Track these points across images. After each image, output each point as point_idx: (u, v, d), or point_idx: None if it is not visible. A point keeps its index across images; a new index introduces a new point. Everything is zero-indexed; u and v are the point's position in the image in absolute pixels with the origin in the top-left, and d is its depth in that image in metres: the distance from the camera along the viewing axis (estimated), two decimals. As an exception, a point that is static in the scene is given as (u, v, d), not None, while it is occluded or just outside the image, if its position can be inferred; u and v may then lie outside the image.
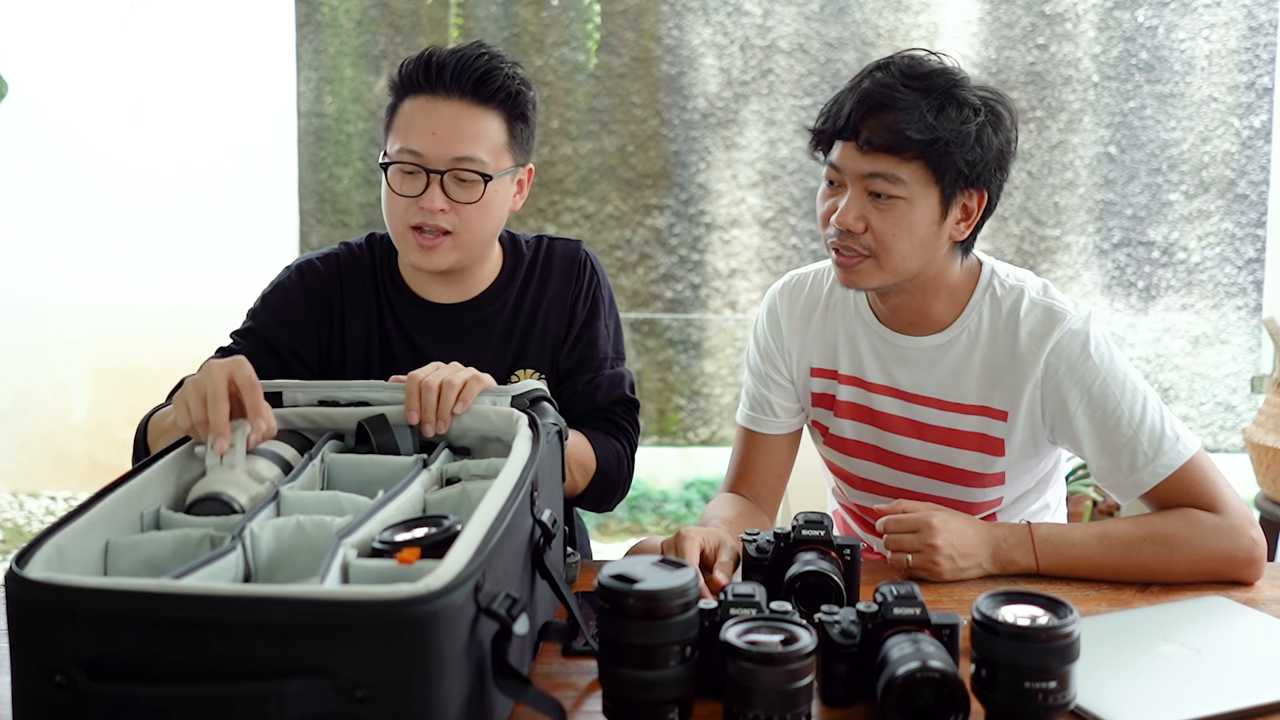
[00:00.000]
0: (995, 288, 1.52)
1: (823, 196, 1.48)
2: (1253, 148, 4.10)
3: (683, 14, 4.11)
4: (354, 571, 0.95)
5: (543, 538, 1.09)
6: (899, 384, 1.56)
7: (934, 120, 1.37)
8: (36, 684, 0.83)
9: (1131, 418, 1.44)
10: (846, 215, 1.42)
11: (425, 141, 1.46)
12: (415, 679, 0.82)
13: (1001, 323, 1.50)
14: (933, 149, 1.38)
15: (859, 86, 1.42)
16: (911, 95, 1.38)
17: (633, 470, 1.64)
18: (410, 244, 1.51)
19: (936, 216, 1.43)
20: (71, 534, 0.95)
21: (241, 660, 0.81)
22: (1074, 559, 1.39)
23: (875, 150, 1.40)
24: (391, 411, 1.28)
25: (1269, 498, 3.03)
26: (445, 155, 1.47)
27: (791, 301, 1.65)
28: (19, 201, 4.21)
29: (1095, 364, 1.45)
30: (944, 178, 1.41)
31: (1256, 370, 4.13)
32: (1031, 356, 1.47)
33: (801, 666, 0.95)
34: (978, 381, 1.52)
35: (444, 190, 1.47)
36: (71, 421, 4.30)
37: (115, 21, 4.10)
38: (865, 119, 1.40)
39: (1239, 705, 1.05)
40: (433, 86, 1.47)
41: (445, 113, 1.47)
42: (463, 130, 1.47)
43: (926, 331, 1.54)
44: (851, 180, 1.43)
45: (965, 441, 1.54)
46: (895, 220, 1.41)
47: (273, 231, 4.16)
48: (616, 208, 4.18)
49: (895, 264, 1.44)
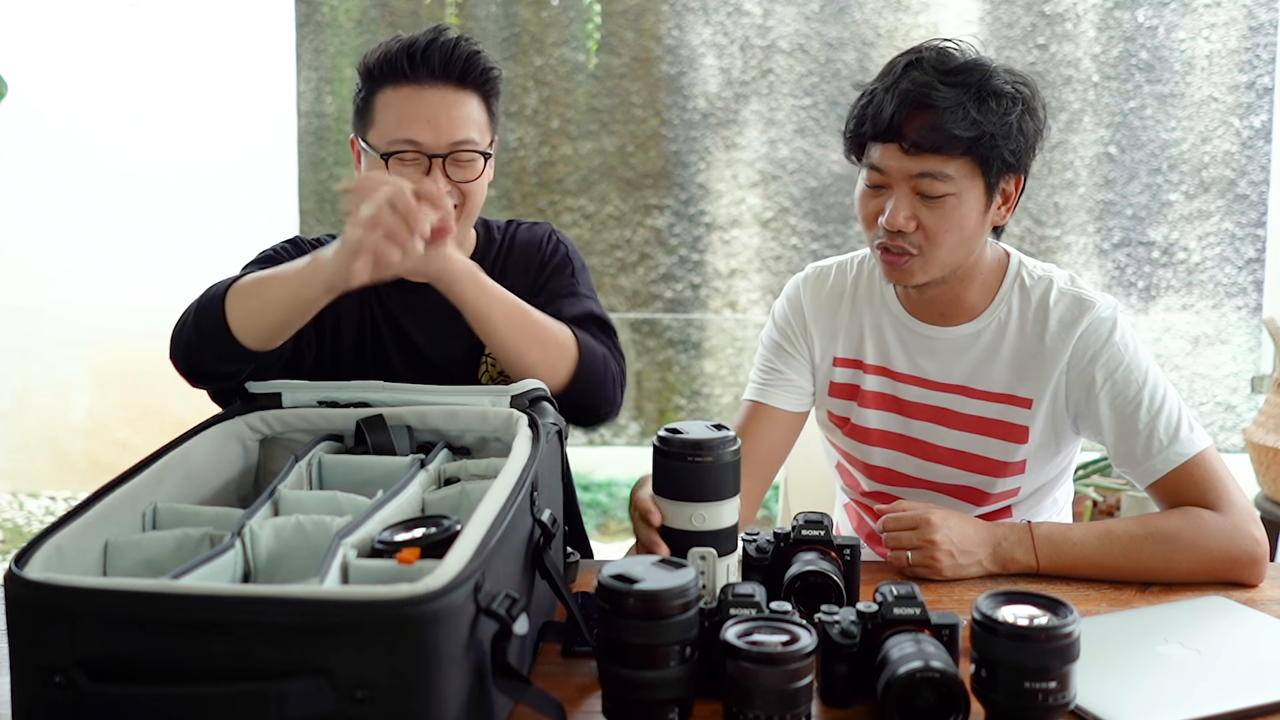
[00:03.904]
0: (1024, 277, 1.55)
1: (865, 198, 1.48)
2: (1253, 148, 4.10)
3: (683, 14, 4.11)
4: (354, 571, 0.95)
5: (543, 538, 1.09)
6: (926, 373, 1.58)
7: (977, 115, 1.39)
8: (36, 684, 0.83)
9: (1151, 404, 1.46)
10: (896, 217, 1.42)
11: (422, 130, 1.48)
12: (415, 679, 0.82)
13: (1031, 311, 1.52)
14: (979, 144, 1.40)
15: (896, 87, 1.41)
16: (952, 92, 1.39)
17: (623, 386, 1.55)
18: None
19: (983, 206, 1.45)
20: (71, 534, 0.95)
21: (241, 660, 0.81)
22: (1075, 558, 1.39)
23: (922, 151, 1.40)
24: (389, 413, 1.28)
25: (1269, 498, 3.03)
26: (443, 140, 1.49)
27: (816, 291, 1.66)
28: (19, 201, 4.21)
29: (1120, 350, 1.48)
30: (990, 169, 1.42)
31: (1256, 370, 4.13)
32: (1061, 343, 1.49)
33: (801, 666, 0.95)
34: (1006, 369, 1.53)
35: (445, 173, 1.49)
36: (71, 421, 4.30)
37: (115, 21, 4.10)
38: (908, 120, 1.40)
39: (1239, 705, 1.05)
40: (416, 74, 1.49)
41: (434, 99, 1.49)
42: (454, 115, 1.50)
43: (957, 321, 1.55)
44: (898, 181, 1.43)
45: (990, 429, 1.55)
46: (945, 216, 1.43)
47: (273, 232, 4.15)
48: (616, 208, 4.18)
49: (944, 258, 1.46)
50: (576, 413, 1.49)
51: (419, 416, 1.30)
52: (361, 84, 1.54)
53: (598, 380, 1.47)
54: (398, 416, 1.29)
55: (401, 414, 1.29)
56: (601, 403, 1.50)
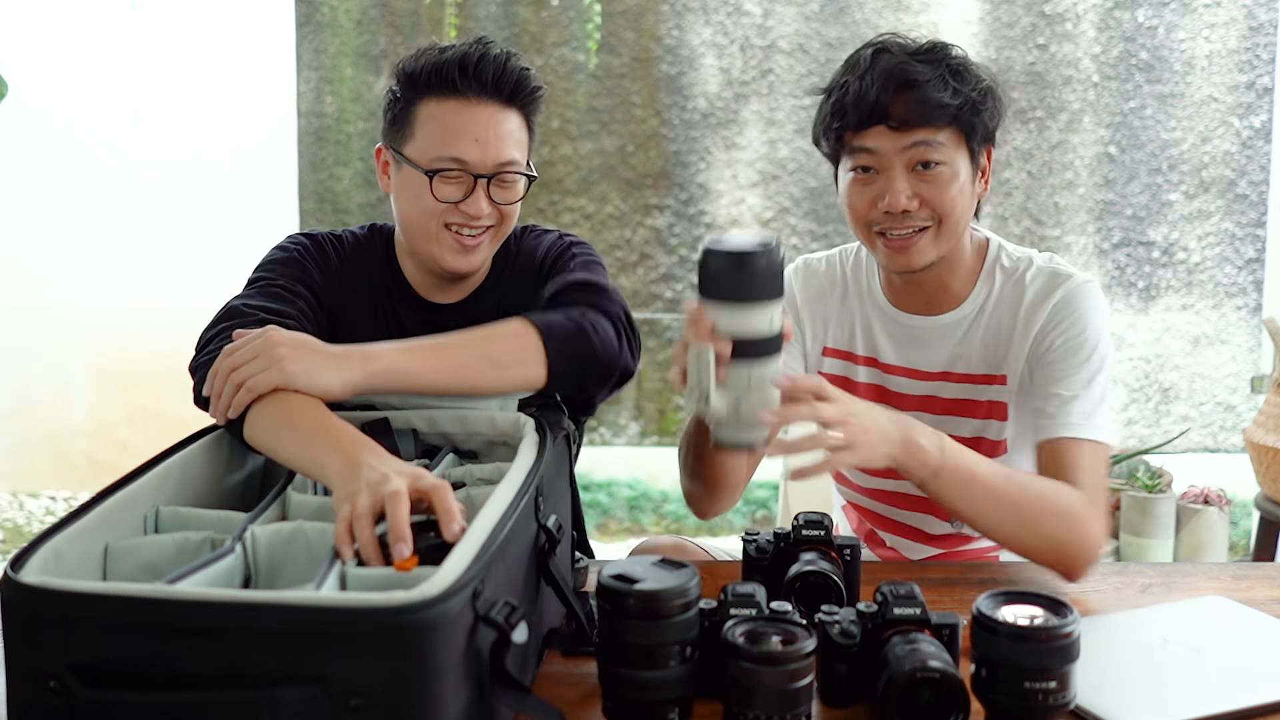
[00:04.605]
0: (1003, 259, 1.57)
1: (855, 188, 1.48)
2: (1253, 148, 4.09)
3: (683, 14, 4.11)
4: (351, 578, 0.94)
5: (548, 543, 1.08)
6: (914, 364, 1.59)
7: (957, 85, 1.43)
8: (30, 690, 0.83)
9: (1085, 378, 1.46)
10: (898, 198, 1.43)
11: (470, 148, 1.43)
12: (411, 688, 0.81)
13: (1009, 289, 1.54)
14: (963, 111, 1.44)
15: (873, 71, 1.43)
16: (928, 68, 1.43)
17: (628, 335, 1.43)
18: (446, 244, 1.47)
19: (971, 176, 1.48)
20: (69, 537, 0.95)
21: (235, 667, 0.80)
22: (969, 473, 1.32)
23: (911, 126, 1.42)
24: (396, 416, 1.27)
25: (1269, 498, 3.03)
26: (490, 161, 1.44)
27: (806, 282, 1.67)
28: (19, 201, 4.21)
29: (1083, 321, 1.48)
30: (973, 138, 1.46)
31: (1256, 370, 4.13)
32: (1034, 315, 1.51)
33: (801, 666, 0.95)
34: (983, 349, 1.55)
35: (488, 194, 1.45)
36: (71, 421, 4.30)
37: (115, 21, 4.10)
38: (893, 99, 1.42)
39: (1239, 705, 1.05)
40: (466, 88, 1.43)
41: (482, 117, 1.44)
42: (502, 135, 1.45)
43: (941, 310, 1.57)
44: (890, 162, 1.44)
45: (973, 410, 1.56)
46: (945, 185, 1.45)
47: (273, 232, 4.13)
48: (616, 208, 4.18)
49: (952, 229, 1.47)
50: (592, 388, 1.39)
51: (428, 420, 1.29)
52: (401, 92, 1.48)
53: (584, 352, 1.33)
54: (405, 420, 1.28)
55: (409, 417, 1.28)
56: (605, 367, 1.36)
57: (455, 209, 1.45)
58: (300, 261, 1.50)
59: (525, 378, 1.30)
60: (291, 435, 1.14)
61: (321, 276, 1.51)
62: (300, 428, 1.14)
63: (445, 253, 1.48)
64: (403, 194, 1.49)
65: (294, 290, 1.44)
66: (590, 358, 1.34)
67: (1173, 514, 3.26)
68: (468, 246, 1.47)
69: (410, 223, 1.50)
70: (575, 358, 1.32)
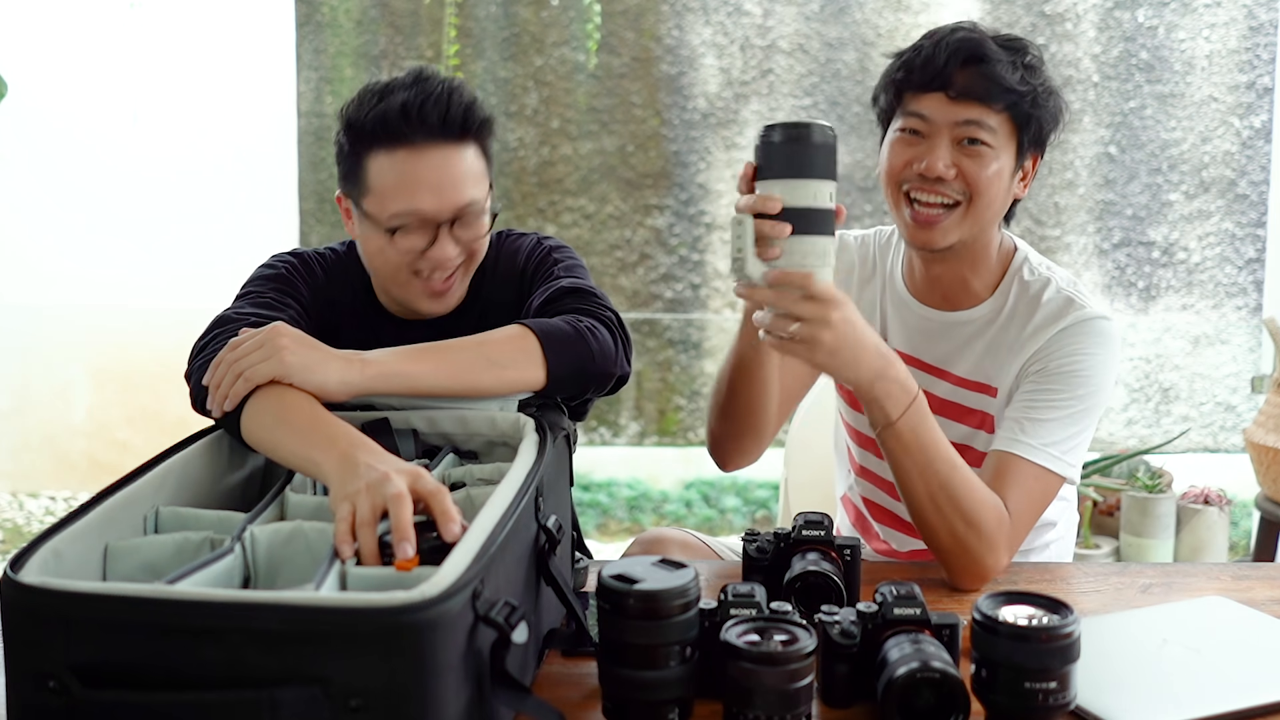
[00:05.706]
0: (1024, 272, 1.56)
1: (897, 145, 1.48)
2: (1253, 148, 4.09)
3: (683, 14, 4.11)
4: (351, 578, 0.94)
5: (548, 544, 1.08)
6: (916, 351, 1.59)
7: (1025, 75, 1.45)
8: (30, 690, 0.82)
9: (1062, 410, 1.44)
10: (936, 163, 1.44)
11: (426, 198, 1.38)
12: (410, 688, 0.81)
13: (1024, 304, 1.53)
14: (1022, 101, 1.45)
15: (947, 40, 1.45)
16: (1002, 51, 1.45)
17: (622, 340, 1.40)
18: (416, 291, 1.45)
19: (1012, 170, 1.48)
20: (69, 537, 0.95)
21: (234, 667, 0.80)
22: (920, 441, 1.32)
23: (968, 99, 1.43)
24: (396, 416, 1.27)
25: (1269, 498, 3.03)
26: (449, 207, 1.40)
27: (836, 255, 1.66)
28: (19, 201, 4.21)
29: (1082, 352, 1.46)
30: (1025, 132, 1.47)
31: (1256, 370, 4.13)
32: (1036, 337, 1.49)
33: (801, 667, 0.95)
34: (981, 356, 1.55)
35: (452, 236, 1.42)
36: (71, 421, 4.30)
37: (115, 21, 4.10)
38: (959, 70, 1.44)
39: (1239, 705, 1.05)
40: (412, 135, 1.38)
41: (434, 162, 1.39)
42: (457, 177, 1.40)
43: (959, 307, 1.57)
44: (938, 131, 1.45)
45: (965, 417, 1.57)
46: (986, 165, 1.45)
47: (273, 232, 4.16)
48: (616, 208, 4.18)
49: (981, 211, 1.47)
50: (589, 391, 1.39)
51: (428, 420, 1.29)
52: (348, 144, 1.43)
53: (583, 355, 1.33)
54: (405, 420, 1.28)
55: (409, 418, 1.28)
56: (603, 371, 1.36)
57: (422, 256, 1.42)
58: (288, 277, 1.49)
59: (524, 379, 1.30)
60: (288, 432, 1.13)
61: (309, 291, 1.50)
62: (296, 424, 1.13)
63: (419, 299, 1.46)
64: (367, 245, 1.46)
65: (283, 301, 1.44)
66: (588, 360, 1.34)
67: (1173, 514, 3.26)
68: (439, 291, 1.45)
69: (378, 271, 1.48)
70: (573, 360, 1.32)
